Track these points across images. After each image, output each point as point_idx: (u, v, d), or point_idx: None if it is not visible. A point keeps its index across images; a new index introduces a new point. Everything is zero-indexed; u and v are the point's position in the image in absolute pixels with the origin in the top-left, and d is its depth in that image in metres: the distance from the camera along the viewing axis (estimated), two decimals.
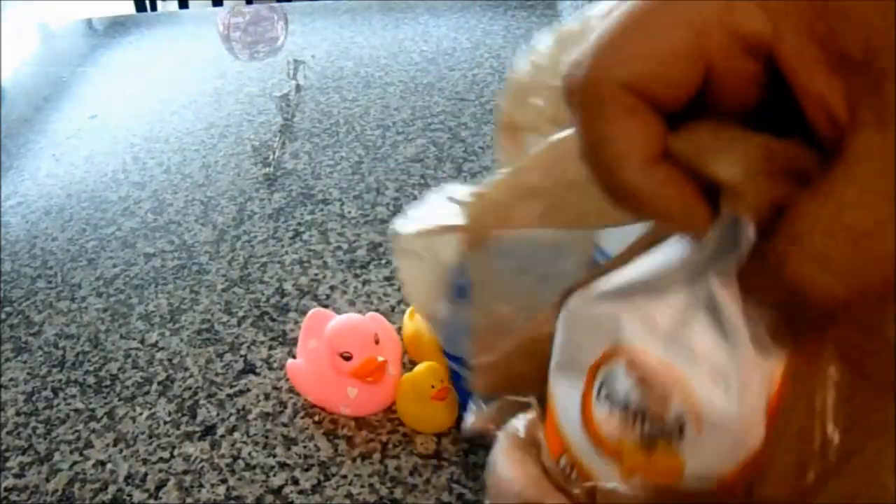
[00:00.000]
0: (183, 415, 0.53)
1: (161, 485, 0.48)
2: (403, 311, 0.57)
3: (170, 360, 0.57)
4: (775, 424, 0.22)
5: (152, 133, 0.89)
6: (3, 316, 0.63)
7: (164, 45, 1.16)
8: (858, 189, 0.16)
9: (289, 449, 0.49)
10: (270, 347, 0.57)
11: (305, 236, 0.69)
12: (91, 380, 0.56)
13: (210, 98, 0.96)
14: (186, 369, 0.56)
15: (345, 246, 0.68)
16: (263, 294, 0.63)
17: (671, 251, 0.23)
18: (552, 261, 0.32)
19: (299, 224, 0.71)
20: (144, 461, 0.49)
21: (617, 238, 0.26)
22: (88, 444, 0.51)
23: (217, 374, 0.55)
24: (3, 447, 0.51)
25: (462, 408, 0.47)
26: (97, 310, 0.63)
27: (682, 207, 0.19)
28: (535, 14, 1.14)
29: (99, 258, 0.69)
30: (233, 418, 0.52)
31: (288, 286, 0.63)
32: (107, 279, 0.66)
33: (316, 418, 0.51)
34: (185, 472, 0.48)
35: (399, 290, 0.62)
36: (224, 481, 0.48)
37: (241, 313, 0.61)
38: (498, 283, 0.34)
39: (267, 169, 0.80)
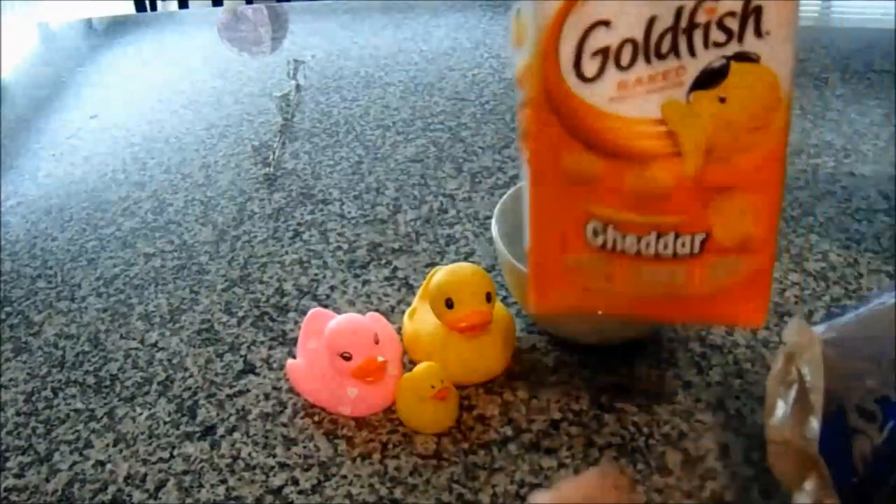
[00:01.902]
0: (183, 415, 0.52)
1: (161, 485, 0.48)
2: (403, 311, 0.57)
3: (170, 360, 0.57)
4: None
5: (152, 133, 0.89)
6: (3, 316, 0.63)
7: (164, 45, 1.16)
8: None
9: (289, 449, 0.49)
10: (270, 347, 0.57)
11: (305, 236, 0.69)
12: (91, 380, 0.56)
13: (210, 98, 0.96)
14: (186, 369, 0.56)
15: (345, 246, 0.68)
16: (263, 294, 0.63)
17: None
18: None
19: (299, 224, 0.71)
20: (144, 461, 0.49)
21: None
22: (88, 444, 0.51)
23: (217, 374, 0.55)
24: (3, 447, 0.51)
25: None
26: (97, 310, 0.63)
27: None
28: None
29: (99, 258, 0.69)
30: (233, 418, 0.52)
31: (288, 286, 0.63)
32: (107, 279, 0.66)
33: (316, 418, 0.51)
34: (185, 472, 0.48)
35: (399, 289, 0.62)
36: (224, 481, 0.48)
37: (241, 313, 0.61)
38: None
39: (267, 169, 0.80)
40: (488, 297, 0.49)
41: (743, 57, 0.24)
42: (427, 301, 0.51)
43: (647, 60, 0.24)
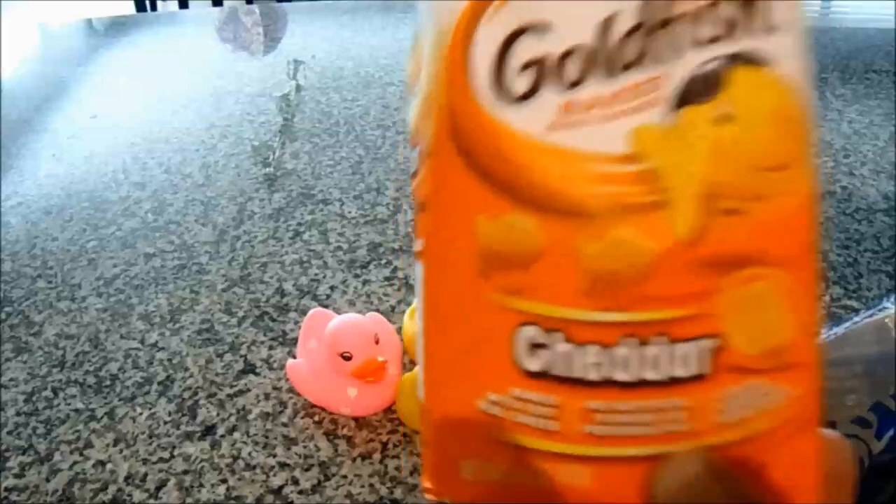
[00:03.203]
0: (183, 415, 0.53)
1: (161, 485, 0.48)
2: (403, 311, 0.57)
3: (170, 360, 0.57)
4: None
5: (152, 133, 0.89)
6: (3, 316, 0.63)
7: (164, 45, 1.16)
8: None
9: (289, 449, 0.49)
10: (270, 347, 0.57)
11: (305, 236, 0.69)
12: (91, 380, 0.56)
13: (210, 98, 0.96)
14: (186, 369, 0.56)
15: (345, 246, 0.68)
16: (263, 294, 0.63)
17: None
18: None
19: (299, 224, 0.71)
20: (144, 461, 0.49)
21: None
22: (88, 444, 0.51)
23: (217, 374, 0.55)
24: (3, 447, 0.51)
25: None
26: (97, 310, 0.63)
27: None
28: None
29: (99, 258, 0.69)
30: (233, 418, 0.52)
31: (288, 286, 0.63)
32: (107, 279, 0.66)
33: (316, 418, 0.51)
34: (185, 472, 0.49)
35: (399, 289, 0.62)
36: (224, 481, 0.48)
37: (241, 313, 0.61)
38: None
39: (267, 169, 0.80)
40: None
41: (748, 58, 0.16)
42: None
43: (606, 73, 0.17)
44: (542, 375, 0.17)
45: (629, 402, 0.17)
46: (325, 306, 0.59)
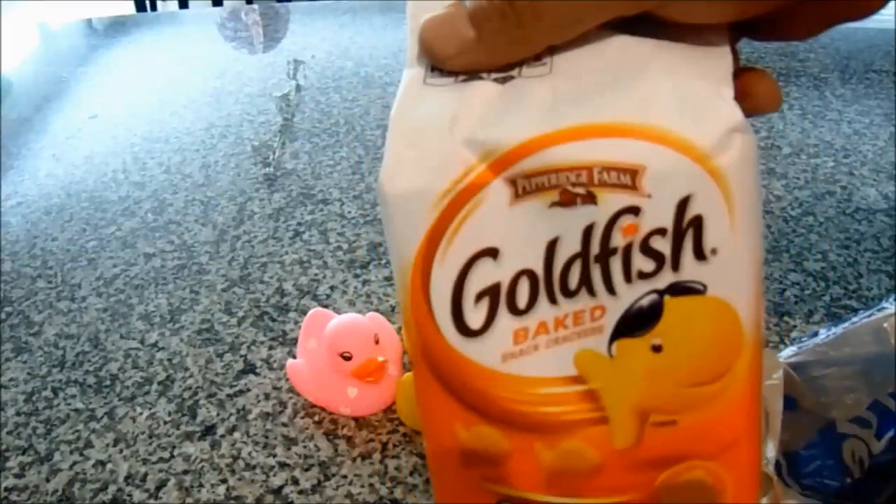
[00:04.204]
0: (183, 415, 0.53)
1: (161, 485, 0.48)
2: None
3: (170, 360, 0.57)
4: None
5: (152, 133, 0.89)
6: (3, 316, 0.63)
7: (164, 45, 1.16)
8: None
9: (289, 449, 0.49)
10: (270, 347, 0.57)
11: (305, 236, 0.69)
12: (91, 380, 0.56)
13: (210, 98, 0.96)
14: (186, 369, 0.56)
15: (345, 246, 0.68)
16: (263, 294, 0.63)
17: None
18: None
19: (299, 224, 0.71)
20: (144, 461, 0.49)
21: None
22: (88, 444, 0.51)
23: (217, 374, 0.55)
24: (3, 447, 0.51)
25: None
26: (97, 310, 0.63)
27: None
28: None
29: (99, 258, 0.69)
30: (233, 418, 0.52)
31: (288, 286, 0.63)
32: (107, 279, 0.66)
33: (316, 418, 0.51)
34: (185, 472, 0.49)
35: None
36: (224, 481, 0.48)
37: (241, 313, 0.61)
38: None
39: (267, 169, 0.80)
40: None
41: (681, 290, 0.17)
42: None
43: (552, 300, 0.18)
44: None
45: None
46: (325, 306, 0.59)
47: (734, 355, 0.18)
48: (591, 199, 0.16)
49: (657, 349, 0.18)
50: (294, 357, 0.54)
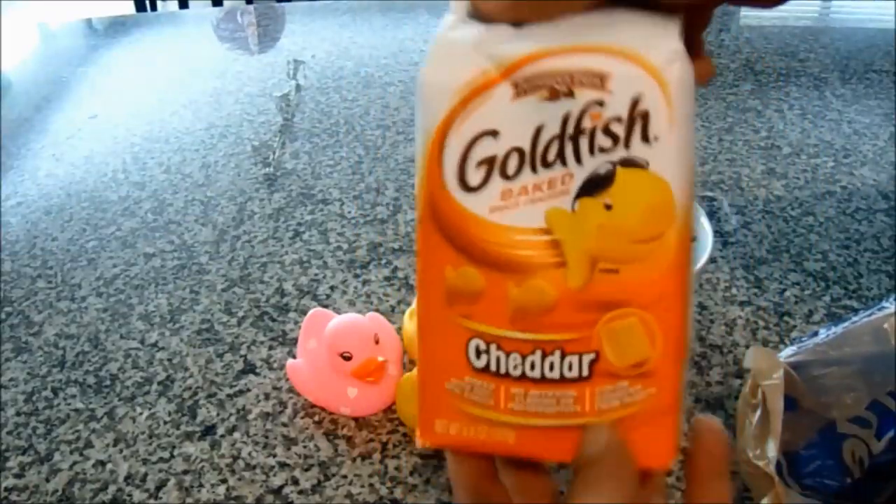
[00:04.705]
0: (183, 415, 0.53)
1: (161, 485, 0.48)
2: (403, 311, 0.57)
3: (170, 360, 0.57)
4: None
5: (152, 133, 0.89)
6: (3, 316, 0.63)
7: (164, 45, 1.16)
8: None
9: (289, 449, 0.49)
10: (270, 347, 0.57)
11: (305, 236, 0.69)
12: (91, 380, 0.56)
13: (210, 98, 0.96)
14: (186, 369, 0.56)
15: (345, 246, 0.68)
16: (263, 294, 0.63)
17: None
18: None
19: (299, 224, 0.71)
20: (144, 461, 0.49)
21: None
22: (88, 444, 0.51)
23: (217, 374, 0.55)
24: (3, 447, 0.51)
25: None
26: (97, 310, 0.63)
27: None
28: None
29: (99, 258, 0.69)
30: (233, 418, 0.52)
31: (288, 286, 0.63)
32: (107, 279, 0.66)
33: (316, 418, 0.51)
34: (185, 472, 0.49)
35: (399, 289, 0.62)
36: (224, 481, 0.48)
37: (241, 313, 0.61)
38: None
39: (267, 169, 0.80)
40: None
41: (629, 163, 0.23)
42: None
43: (534, 169, 0.24)
44: (484, 370, 0.26)
45: (537, 391, 0.26)
46: (325, 306, 0.59)
47: (667, 223, 0.24)
48: (570, 94, 0.23)
49: (608, 207, 0.24)
50: (294, 357, 0.54)
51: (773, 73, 0.92)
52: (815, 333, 0.46)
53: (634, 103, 0.23)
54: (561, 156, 0.24)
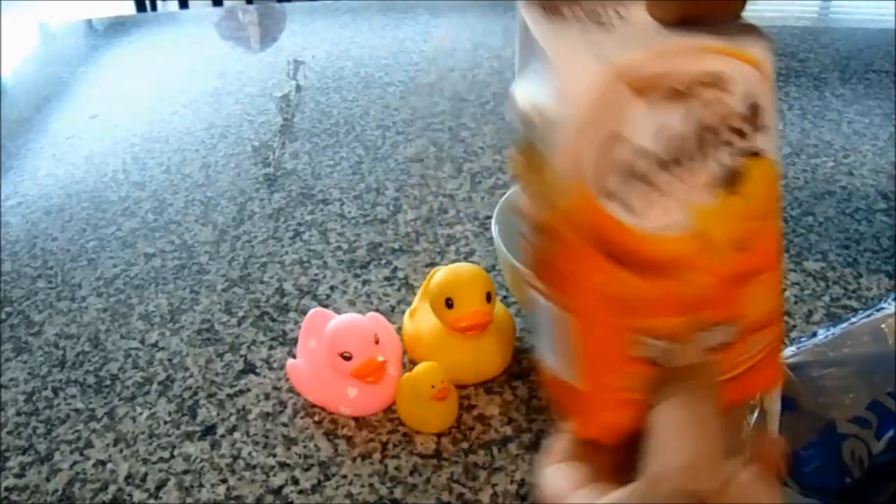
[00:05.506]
0: (183, 415, 0.53)
1: (161, 485, 0.48)
2: (403, 311, 0.57)
3: (170, 360, 0.57)
4: None
5: (152, 133, 0.89)
6: (3, 316, 0.63)
7: (164, 45, 1.16)
8: None
9: (289, 449, 0.50)
10: (270, 347, 0.57)
11: (305, 236, 0.69)
12: (91, 380, 0.56)
13: (210, 98, 0.96)
14: (186, 369, 0.56)
15: (345, 246, 0.68)
16: (263, 294, 0.63)
17: None
18: None
19: (299, 224, 0.71)
20: (144, 461, 0.49)
21: None
22: (88, 444, 0.51)
23: (217, 374, 0.55)
24: (3, 447, 0.51)
25: None
26: (97, 310, 0.63)
27: None
28: None
29: (99, 258, 0.69)
30: (233, 418, 0.52)
31: (288, 286, 0.63)
32: (107, 279, 0.66)
33: (316, 418, 0.51)
34: (185, 472, 0.49)
35: (399, 289, 0.62)
36: (224, 481, 0.48)
37: (241, 313, 0.61)
38: None
39: (267, 169, 0.80)
40: (488, 297, 0.49)
41: (754, 153, 0.26)
42: (427, 301, 0.51)
43: (665, 168, 0.25)
44: (645, 360, 0.27)
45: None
46: (325, 306, 0.59)
47: (776, 196, 0.27)
48: (690, 94, 0.24)
49: (742, 196, 0.26)
50: (294, 357, 0.54)
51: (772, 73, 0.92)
52: (815, 334, 0.46)
53: (749, 97, 0.25)
54: (689, 153, 0.25)
